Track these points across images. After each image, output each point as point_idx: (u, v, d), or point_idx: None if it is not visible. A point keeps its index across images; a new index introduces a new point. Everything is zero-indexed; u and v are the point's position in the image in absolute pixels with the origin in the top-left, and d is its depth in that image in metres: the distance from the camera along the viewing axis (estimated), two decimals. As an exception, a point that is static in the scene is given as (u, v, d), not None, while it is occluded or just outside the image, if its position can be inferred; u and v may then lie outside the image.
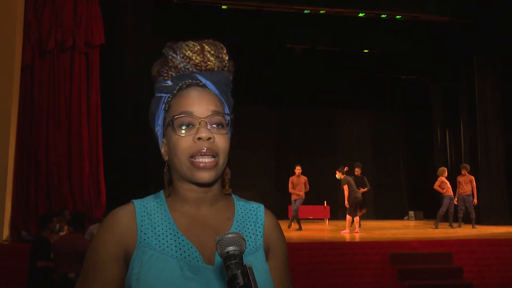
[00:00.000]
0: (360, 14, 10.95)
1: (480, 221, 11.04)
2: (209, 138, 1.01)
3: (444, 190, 10.33)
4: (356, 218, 9.62)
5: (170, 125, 1.03)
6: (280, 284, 1.09)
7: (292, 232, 9.78)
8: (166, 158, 1.08)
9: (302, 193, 10.23)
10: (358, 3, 10.62)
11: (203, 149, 1.00)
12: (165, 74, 1.08)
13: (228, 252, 0.83)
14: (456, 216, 10.47)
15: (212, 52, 1.08)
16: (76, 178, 8.07)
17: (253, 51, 12.42)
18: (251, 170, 13.76)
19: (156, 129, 1.10)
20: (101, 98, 8.39)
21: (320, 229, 10.86)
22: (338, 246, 7.40)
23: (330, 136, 14.81)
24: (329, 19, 11.12)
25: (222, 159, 1.04)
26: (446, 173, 10.58)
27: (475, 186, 10.30)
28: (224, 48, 1.11)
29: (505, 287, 7.27)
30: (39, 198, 7.88)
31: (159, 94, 1.09)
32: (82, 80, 8.30)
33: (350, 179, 9.69)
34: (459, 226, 10.28)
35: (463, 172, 10.44)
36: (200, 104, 1.03)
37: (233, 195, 1.16)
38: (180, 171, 1.04)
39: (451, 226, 10.27)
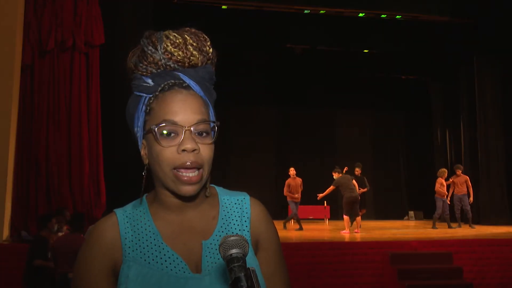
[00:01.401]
0: (360, 14, 10.96)
1: (480, 221, 11.04)
2: (194, 150, 0.94)
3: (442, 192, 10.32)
4: (358, 218, 9.59)
5: (153, 134, 0.96)
6: (273, 276, 1.05)
7: (292, 232, 9.79)
8: (146, 162, 1.02)
9: (299, 195, 10.22)
10: (358, 3, 10.63)
11: (188, 163, 0.94)
12: (143, 70, 1.00)
13: (231, 254, 0.82)
14: (454, 217, 10.47)
15: (195, 44, 1.00)
16: (76, 178, 8.07)
17: (253, 51, 12.42)
18: (251, 170, 13.77)
19: (135, 129, 1.02)
20: (101, 98, 8.39)
21: (320, 229, 10.86)
22: (338, 246, 7.40)
23: (330, 136, 14.80)
24: (329, 19, 11.12)
25: (206, 170, 0.98)
26: (446, 174, 10.57)
27: (470, 185, 10.29)
28: (208, 39, 1.03)
29: (505, 287, 7.27)
30: (39, 198, 7.88)
31: (138, 93, 1.01)
32: (82, 80, 8.30)
33: (342, 181, 9.63)
34: (459, 226, 10.27)
35: (457, 172, 10.41)
36: (185, 112, 0.96)
37: (217, 188, 1.10)
38: (163, 181, 0.98)
39: (450, 227, 10.24)
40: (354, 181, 9.84)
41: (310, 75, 13.73)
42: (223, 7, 10.52)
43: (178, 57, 0.99)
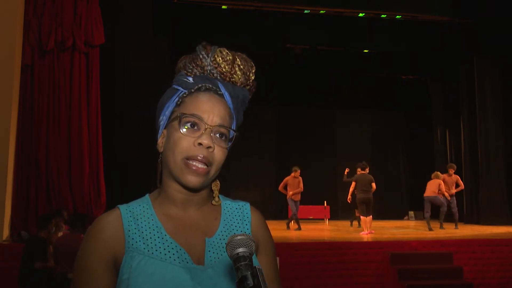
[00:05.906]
0: (360, 14, 10.96)
1: (480, 221, 11.04)
2: (209, 147, 1.01)
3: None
4: (362, 218, 9.65)
5: (178, 120, 1.03)
6: (271, 279, 1.11)
7: (292, 232, 9.78)
8: (161, 150, 1.08)
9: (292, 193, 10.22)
10: (358, 3, 10.63)
11: (199, 156, 1.01)
12: (189, 70, 1.09)
13: (238, 253, 0.83)
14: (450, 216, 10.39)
15: (241, 66, 1.10)
16: (76, 178, 8.07)
17: (253, 51, 12.33)
18: (251, 170, 13.78)
19: (161, 118, 1.10)
20: (101, 98, 8.39)
21: (320, 229, 10.86)
22: (338, 246, 7.40)
23: (330, 136, 14.81)
24: (329, 19, 11.12)
25: (214, 170, 1.04)
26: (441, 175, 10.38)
27: (461, 183, 10.24)
28: (254, 67, 1.13)
29: (505, 287, 7.27)
30: (39, 198, 7.88)
31: (176, 87, 1.10)
32: (82, 80, 8.30)
33: (358, 178, 9.76)
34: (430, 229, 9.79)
35: (450, 171, 10.23)
36: (212, 112, 1.04)
37: (219, 196, 1.16)
38: (171, 168, 1.03)
39: (442, 227, 10.04)
40: (373, 184, 9.79)
41: (310, 75, 13.73)
42: (223, 7, 10.53)
43: (223, 69, 1.08)
